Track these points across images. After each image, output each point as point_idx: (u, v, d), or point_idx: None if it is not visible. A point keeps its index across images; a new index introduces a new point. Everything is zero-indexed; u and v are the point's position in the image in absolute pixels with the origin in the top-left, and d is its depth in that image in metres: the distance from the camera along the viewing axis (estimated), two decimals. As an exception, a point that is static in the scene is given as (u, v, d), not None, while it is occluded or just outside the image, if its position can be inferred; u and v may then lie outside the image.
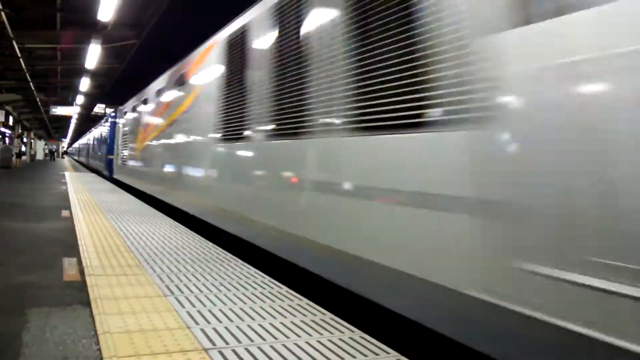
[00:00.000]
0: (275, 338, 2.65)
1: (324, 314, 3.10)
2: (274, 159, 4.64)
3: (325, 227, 3.71)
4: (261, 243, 4.82)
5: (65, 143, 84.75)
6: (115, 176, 17.20)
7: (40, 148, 51.10)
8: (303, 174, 4.13)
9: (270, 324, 2.87)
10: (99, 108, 34.07)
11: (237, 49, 5.77)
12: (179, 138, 8.44)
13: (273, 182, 4.65)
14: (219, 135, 6.30)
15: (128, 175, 14.25)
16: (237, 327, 2.79)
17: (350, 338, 2.69)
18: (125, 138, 15.29)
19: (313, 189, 3.95)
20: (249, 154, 5.30)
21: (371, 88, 3.27)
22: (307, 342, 2.60)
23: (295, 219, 4.16)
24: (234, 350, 2.45)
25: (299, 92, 4.22)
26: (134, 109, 13.86)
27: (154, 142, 10.63)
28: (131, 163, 13.76)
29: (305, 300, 3.38)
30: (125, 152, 14.89)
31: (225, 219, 5.83)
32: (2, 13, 11.68)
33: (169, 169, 9.22)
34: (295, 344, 2.58)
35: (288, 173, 4.41)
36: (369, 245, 3.21)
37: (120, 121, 16.83)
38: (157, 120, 10.45)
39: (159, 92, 10.46)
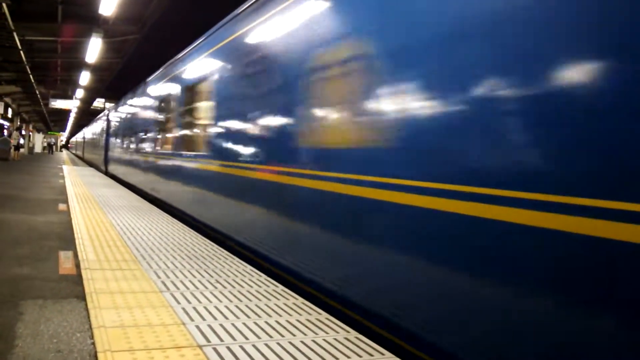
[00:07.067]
0: (270, 336, 2.65)
1: (320, 313, 3.10)
2: None
3: None
4: None
5: (64, 136, 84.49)
6: None
7: (38, 141, 50.89)
8: None
9: (266, 322, 2.87)
10: (98, 102, 34.04)
11: None
12: None
13: None
14: None
15: None
16: (232, 324, 2.79)
17: (346, 338, 2.68)
18: None
19: None
20: None
21: None
22: (302, 342, 2.60)
23: None
24: (228, 348, 2.44)
25: None
26: None
27: None
28: None
29: (301, 299, 3.38)
30: None
31: None
32: (3, 4, 11.64)
33: None
34: (290, 342, 2.58)
35: None
36: None
37: None
38: None
39: None
